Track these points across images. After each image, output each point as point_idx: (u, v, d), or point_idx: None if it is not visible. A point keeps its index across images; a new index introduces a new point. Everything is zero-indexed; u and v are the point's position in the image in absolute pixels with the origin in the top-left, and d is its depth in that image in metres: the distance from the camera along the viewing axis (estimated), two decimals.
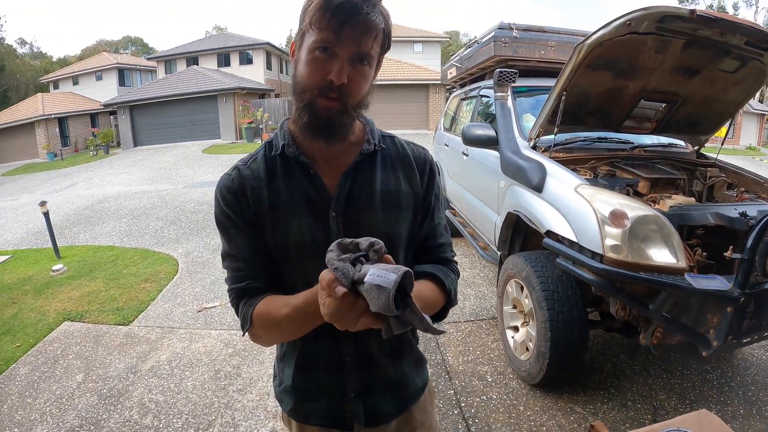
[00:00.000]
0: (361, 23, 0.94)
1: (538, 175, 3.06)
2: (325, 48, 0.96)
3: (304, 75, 0.99)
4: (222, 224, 1.10)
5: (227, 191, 1.09)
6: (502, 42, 4.25)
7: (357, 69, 0.99)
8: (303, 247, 1.06)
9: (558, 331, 2.72)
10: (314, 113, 1.01)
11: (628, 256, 2.29)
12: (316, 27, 0.95)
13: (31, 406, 3.21)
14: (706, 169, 3.51)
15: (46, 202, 6.81)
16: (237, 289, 1.10)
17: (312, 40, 0.97)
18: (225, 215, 1.09)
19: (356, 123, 1.12)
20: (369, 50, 0.98)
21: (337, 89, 0.97)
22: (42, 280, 5.74)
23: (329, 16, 0.93)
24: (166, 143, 25.01)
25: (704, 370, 3.27)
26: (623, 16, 2.61)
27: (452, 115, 6.27)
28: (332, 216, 1.07)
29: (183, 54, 31.41)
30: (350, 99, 1.01)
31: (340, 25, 0.93)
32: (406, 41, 31.42)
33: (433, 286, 1.10)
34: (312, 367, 1.18)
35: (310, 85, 0.99)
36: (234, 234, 1.09)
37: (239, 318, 1.09)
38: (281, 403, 1.26)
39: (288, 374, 1.21)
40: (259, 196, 1.07)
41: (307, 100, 1.00)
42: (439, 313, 1.13)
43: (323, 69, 0.97)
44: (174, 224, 8.22)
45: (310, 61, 0.98)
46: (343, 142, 1.08)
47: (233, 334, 4.00)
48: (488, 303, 4.41)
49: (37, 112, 27.12)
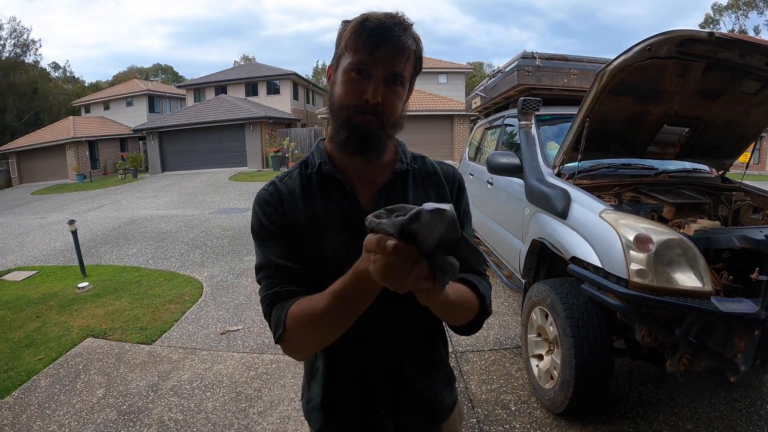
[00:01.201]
0: (393, 45, 1.00)
1: (563, 202, 3.05)
2: (360, 69, 1.01)
3: (340, 94, 1.05)
4: (258, 235, 1.12)
5: (265, 203, 1.12)
6: (525, 71, 4.29)
7: (391, 89, 1.04)
8: (338, 261, 1.05)
9: (583, 359, 2.67)
10: (352, 129, 1.05)
11: (654, 281, 2.26)
12: (351, 49, 1.01)
13: (50, 417, 3.25)
14: (731, 193, 3.47)
15: (75, 221, 6.99)
16: (269, 296, 1.08)
17: (348, 62, 1.02)
18: (262, 225, 1.11)
19: (389, 144, 1.16)
20: (402, 71, 1.04)
21: (372, 108, 1.02)
22: (67, 296, 5.86)
23: (364, 39, 0.99)
24: (193, 169, 25.47)
25: (732, 398, 3.17)
26: (644, 41, 2.62)
27: (477, 144, 6.31)
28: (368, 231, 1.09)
29: (212, 83, 32.24)
30: (385, 117, 1.05)
31: (374, 47, 0.99)
32: (430, 72, 31.82)
33: (467, 288, 1.09)
34: (342, 383, 1.16)
35: (347, 104, 1.04)
36: (270, 244, 1.10)
37: (272, 326, 1.06)
38: (310, 422, 1.24)
39: (317, 391, 1.19)
40: (294, 211, 1.10)
41: (344, 117, 1.05)
42: (474, 322, 1.12)
43: (359, 89, 1.02)
44: (199, 248, 8.33)
45: (346, 82, 1.03)
46: (379, 158, 1.11)
47: (255, 358, 4.01)
48: (512, 332, 4.36)
49: (69, 134, 28.04)
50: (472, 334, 1.18)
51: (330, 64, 1.11)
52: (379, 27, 0.99)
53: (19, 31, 40.72)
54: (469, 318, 1.11)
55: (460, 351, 3.98)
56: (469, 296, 1.09)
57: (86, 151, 28.36)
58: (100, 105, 35.88)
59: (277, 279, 1.08)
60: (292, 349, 1.07)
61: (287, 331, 1.02)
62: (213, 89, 31.75)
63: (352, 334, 1.06)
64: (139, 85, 37.05)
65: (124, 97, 35.02)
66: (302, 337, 1.02)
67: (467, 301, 1.08)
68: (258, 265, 1.13)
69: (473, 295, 1.10)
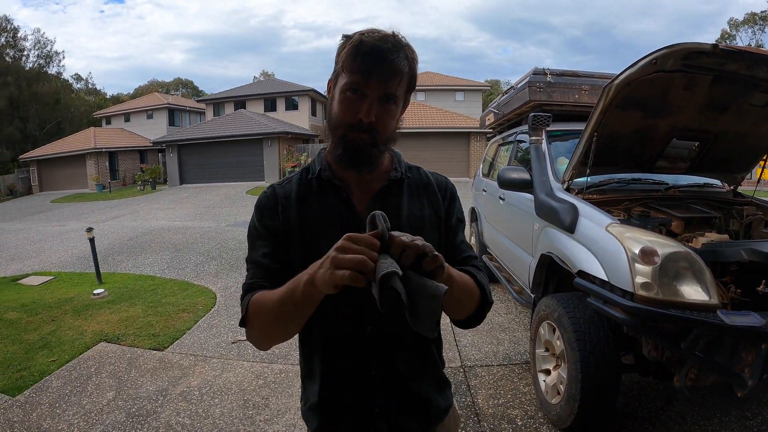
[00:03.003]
0: (386, 68, 1.07)
1: (570, 216, 3.06)
2: (356, 89, 1.07)
3: (337, 112, 1.12)
4: (251, 234, 1.22)
5: (262, 206, 1.21)
6: (536, 87, 4.31)
7: (384, 108, 1.10)
8: None
9: (589, 373, 2.66)
10: (347, 145, 1.12)
11: (659, 294, 2.25)
12: (348, 70, 1.08)
13: (60, 416, 3.32)
14: (742, 207, 3.44)
15: (93, 229, 7.13)
16: (246, 285, 1.17)
17: (344, 82, 1.09)
18: (255, 227, 1.21)
19: (385, 155, 1.23)
20: (394, 92, 1.10)
21: (366, 126, 1.09)
22: (82, 302, 5.97)
23: (359, 62, 1.06)
24: (211, 182, 25.77)
25: (744, 416, 3.12)
26: (649, 54, 2.63)
27: (490, 161, 6.35)
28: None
29: (231, 98, 32.69)
30: (378, 135, 1.11)
31: (368, 70, 1.06)
32: (447, 90, 32.02)
33: (467, 276, 1.15)
34: (338, 383, 1.20)
35: (343, 122, 1.11)
36: (258, 243, 1.19)
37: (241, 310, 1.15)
38: (307, 423, 1.28)
39: (314, 391, 1.23)
40: (288, 214, 1.18)
41: (340, 134, 1.12)
42: (476, 312, 1.19)
43: (354, 108, 1.08)
44: (215, 260, 8.42)
45: (342, 101, 1.10)
46: (372, 171, 1.18)
47: (265, 367, 4.04)
48: (522, 348, 4.34)
49: (89, 144, 28.56)
50: (475, 327, 1.24)
51: (330, 78, 1.18)
52: (374, 51, 1.05)
53: (43, 42, 41.51)
54: (472, 308, 1.17)
55: (468, 365, 3.97)
56: (471, 283, 1.15)
57: (106, 161, 28.87)
58: (121, 117, 36.51)
59: (257, 273, 1.17)
60: (252, 336, 1.13)
61: (248, 316, 1.10)
62: (232, 104, 32.21)
63: (349, 336, 1.15)
64: (160, 98, 37.65)
65: (145, 109, 35.63)
66: (259, 324, 1.09)
67: (470, 289, 1.14)
68: (246, 259, 1.22)
69: (473, 282, 1.16)
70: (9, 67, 37.10)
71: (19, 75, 37.38)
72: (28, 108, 37.91)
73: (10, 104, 36.02)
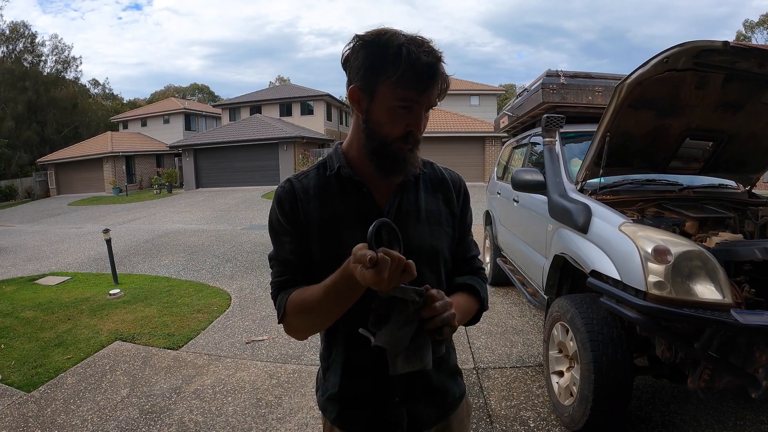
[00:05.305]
0: (439, 84, 1.09)
1: (584, 216, 3.05)
2: (408, 106, 1.09)
3: (384, 124, 1.11)
4: (274, 229, 1.24)
5: (281, 200, 1.22)
6: (549, 89, 4.31)
7: (425, 116, 1.13)
8: None
9: (602, 374, 2.63)
10: (392, 155, 1.14)
11: (672, 293, 2.23)
12: (402, 86, 1.06)
13: (74, 412, 3.37)
14: (757, 208, 3.39)
15: (110, 230, 7.21)
16: (276, 283, 1.21)
17: (396, 96, 1.07)
18: (278, 221, 1.22)
19: None
20: (437, 102, 1.13)
21: (413, 138, 1.13)
22: (98, 301, 6.06)
23: (416, 79, 1.05)
24: (226, 186, 26.02)
25: (760, 420, 3.06)
26: (660, 54, 2.61)
27: (505, 164, 6.33)
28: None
29: (247, 102, 33.03)
30: (419, 142, 1.16)
31: (426, 87, 1.07)
32: (462, 94, 31.94)
33: (469, 297, 1.27)
34: (357, 375, 1.23)
35: (392, 134, 1.12)
36: (283, 239, 1.21)
37: (276, 308, 1.20)
38: (325, 413, 1.30)
39: (334, 382, 1.26)
40: (307, 208, 1.19)
41: (386, 144, 1.13)
42: (471, 320, 1.30)
43: (404, 121, 1.10)
44: (230, 262, 8.48)
45: (392, 113, 1.10)
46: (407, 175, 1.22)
47: (278, 367, 4.06)
48: (535, 350, 4.32)
49: (106, 149, 29.01)
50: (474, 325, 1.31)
51: (355, 84, 1.12)
52: (429, 69, 1.05)
53: (61, 48, 42.23)
54: (467, 319, 1.28)
55: (481, 367, 3.96)
56: (471, 304, 1.27)
57: (123, 165, 29.30)
58: (138, 121, 37.03)
59: (285, 270, 1.21)
60: (291, 330, 1.20)
61: (287, 315, 1.16)
62: (248, 109, 32.53)
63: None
64: (176, 103, 38.09)
65: (161, 114, 36.10)
66: (299, 322, 1.17)
67: (470, 310, 1.27)
68: (271, 255, 1.25)
69: (474, 301, 1.28)
70: (27, 72, 37.82)
71: (37, 80, 38.10)
72: (45, 112, 38.59)
73: (28, 109, 36.72)
